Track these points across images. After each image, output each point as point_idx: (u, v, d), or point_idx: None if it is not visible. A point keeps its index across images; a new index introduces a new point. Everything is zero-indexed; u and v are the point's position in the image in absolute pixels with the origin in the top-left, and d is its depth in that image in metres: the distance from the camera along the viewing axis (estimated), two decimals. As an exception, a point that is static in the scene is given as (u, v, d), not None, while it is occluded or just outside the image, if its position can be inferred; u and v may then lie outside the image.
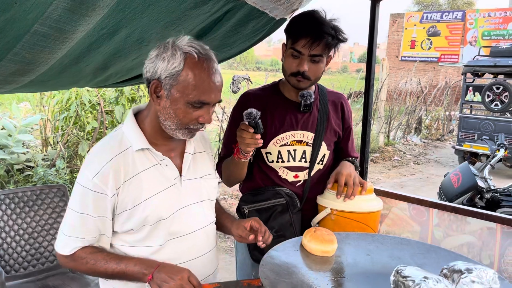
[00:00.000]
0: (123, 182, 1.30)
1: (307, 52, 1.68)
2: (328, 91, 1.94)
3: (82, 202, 1.30)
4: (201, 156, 1.51)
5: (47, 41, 1.33)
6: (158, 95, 1.30)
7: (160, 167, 1.36)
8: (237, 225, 1.51)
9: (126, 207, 1.31)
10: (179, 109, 1.29)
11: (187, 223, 1.41)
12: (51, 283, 2.57)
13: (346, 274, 1.30)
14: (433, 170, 9.10)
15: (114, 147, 1.32)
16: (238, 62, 15.58)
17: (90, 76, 2.07)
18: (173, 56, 1.26)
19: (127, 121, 1.38)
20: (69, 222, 1.32)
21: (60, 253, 1.34)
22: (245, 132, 1.54)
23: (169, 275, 1.25)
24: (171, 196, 1.37)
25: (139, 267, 1.29)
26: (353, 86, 11.44)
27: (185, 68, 1.26)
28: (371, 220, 1.72)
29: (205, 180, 1.48)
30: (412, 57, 20.77)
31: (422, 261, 1.34)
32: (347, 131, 1.95)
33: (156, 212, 1.33)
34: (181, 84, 1.26)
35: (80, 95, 5.03)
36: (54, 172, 4.64)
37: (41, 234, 2.67)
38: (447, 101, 13.61)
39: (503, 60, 8.71)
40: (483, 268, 0.93)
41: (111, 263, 1.30)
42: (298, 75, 1.72)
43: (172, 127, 1.32)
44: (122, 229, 1.34)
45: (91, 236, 1.32)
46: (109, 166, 1.28)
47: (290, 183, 1.83)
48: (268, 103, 1.82)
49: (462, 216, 1.79)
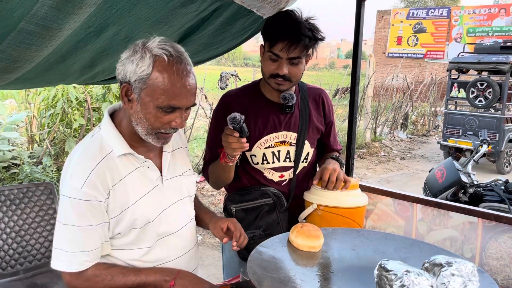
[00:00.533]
0: (112, 186, 1.28)
1: (286, 55, 1.67)
2: (308, 88, 1.94)
3: (78, 215, 1.25)
4: (179, 153, 1.50)
5: (34, 39, 1.33)
6: (129, 99, 1.27)
7: (142, 169, 1.34)
8: (214, 224, 1.50)
9: (114, 213, 1.29)
10: (149, 114, 1.24)
11: (173, 222, 1.41)
12: (39, 281, 2.56)
13: (333, 269, 1.33)
14: (419, 165, 9.22)
15: (96, 154, 1.28)
16: (226, 58, 15.52)
17: (77, 74, 2.06)
18: (142, 58, 1.21)
19: (104, 124, 1.34)
20: (68, 238, 1.26)
21: (68, 272, 1.27)
22: (231, 137, 1.53)
23: (193, 284, 1.27)
24: (155, 198, 1.36)
25: (160, 275, 1.28)
26: (340, 82, 11.52)
27: (154, 71, 1.21)
28: (357, 216, 1.75)
29: (185, 177, 1.48)
30: (399, 53, 20.95)
31: (405, 255, 1.38)
32: (328, 126, 1.96)
33: (144, 216, 1.32)
34: (150, 87, 1.22)
35: (66, 92, 4.98)
36: (41, 170, 4.61)
37: (28, 232, 2.65)
38: (432, 97, 13.78)
39: (487, 57, 8.85)
40: (463, 262, 0.97)
41: (129, 276, 1.28)
42: (278, 78, 1.71)
43: (142, 132, 1.29)
44: (111, 234, 1.32)
45: (96, 247, 1.28)
46: (94, 174, 1.25)
47: (276, 182, 1.85)
48: (250, 105, 1.81)
49: (445, 211, 1.84)
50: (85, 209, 1.24)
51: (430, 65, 19.92)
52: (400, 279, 0.91)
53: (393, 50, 21.57)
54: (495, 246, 1.70)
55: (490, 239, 1.71)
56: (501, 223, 1.69)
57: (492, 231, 1.71)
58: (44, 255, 2.69)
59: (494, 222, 1.71)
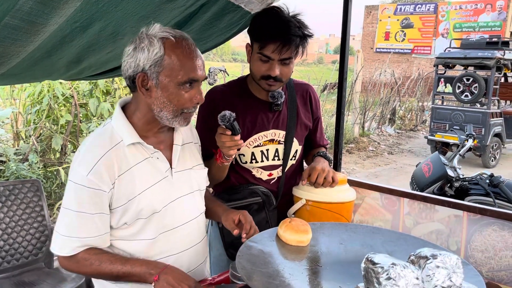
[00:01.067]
0: (118, 176, 1.30)
1: (277, 57, 1.63)
2: (295, 83, 1.92)
3: (79, 200, 1.28)
4: (189, 147, 1.52)
5: (18, 34, 1.31)
6: (146, 88, 1.30)
7: (151, 160, 1.37)
8: (226, 216, 1.52)
9: (120, 202, 1.31)
10: (172, 94, 1.29)
11: (180, 215, 1.42)
12: (27, 279, 2.54)
13: (321, 263, 1.34)
14: (407, 160, 9.32)
15: (105, 143, 1.32)
16: (214, 53, 15.49)
17: (63, 69, 2.04)
18: (151, 44, 1.27)
19: (115, 115, 1.37)
20: (65, 221, 1.30)
21: (59, 255, 1.31)
22: (223, 136, 1.51)
23: (177, 281, 1.25)
24: (163, 189, 1.37)
25: (146, 268, 1.29)
26: (329, 78, 11.55)
27: (166, 51, 1.27)
28: (345, 210, 1.77)
29: (194, 170, 1.50)
30: (387, 48, 21.09)
31: (392, 248, 1.40)
32: (315, 121, 1.96)
33: (150, 206, 1.34)
34: (167, 68, 1.27)
35: (52, 88, 4.91)
36: (27, 167, 4.55)
37: (15, 230, 2.63)
38: (420, 92, 13.91)
39: (473, 52, 8.96)
40: (447, 254, 0.99)
41: (116, 264, 1.29)
42: (270, 79, 1.68)
43: (169, 116, 1.32)
44: (117, 224, 1.33)
45: (90, 236, 1.30)
46: (102, 162, 1.28)
47: (265, 181, 1.85)
48: (238, 104, 1.78)
49: (431, 204, 1.86)
50: (86, 196, 1.27)
51: (418, 60, 20.09)
52: (386, 272, 0.93)
53: (381, 46, 21.69)
54: (480, 239, 1.73)
55: (475, 232, 1.75)
56: (485, 216, 1.72)
57: (477, 224, 1.74)
58: (31, 253, 2.67)
59: (479, 215, 1.74)
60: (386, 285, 0.93)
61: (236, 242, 1.72)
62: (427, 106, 13.36)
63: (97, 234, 1.30)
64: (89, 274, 1.34)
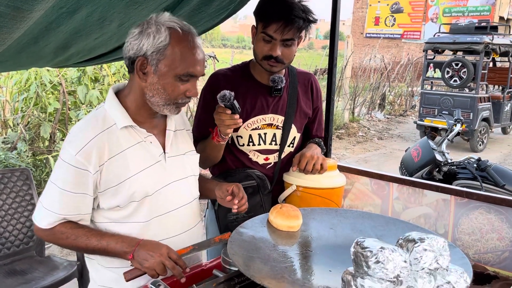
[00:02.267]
0: (107, 159, 1.31)
1: (279, 37, 1.66)
2: (298, 72, 1.94)
3: (64, 178, 1.30)
4: (181, 134, 1.53)
5: (4, 21, 1.29)
6: (144, 72, 1.31)
7: (144, 144, 1.38)
8: (220, 186, 1.55)
9: (110, 184, 1.32)
10: (168, 84, 1.31)
11: (173, 199, 1.43)
12: (19, 268, 2.54)
13: (312, 248, 1.36)
14: (396, 145, 9.39)
15: (98, 125, 1.33)
16: (204, 39, 15.30)
17: (50, 56, 2.01)
18: (158, 31, 1.28)
19: (108, 99, 1.38)
20: (49, 195, 1.33)
21: (38, 226, 1.34)
22: (223, 114, 1.54)
23: (149, 253, 1.27)
24: (156, 173, 1.39)
25: (121, 245, 1.30)
26: (319, 63, 11.54)
27: (172, 42, 1.28)
28: (335, 196, 1.79)
29: (187, 156, 1.51)
30: (376, 33, 21.06)
31: (381, 232, 1.42)
32: (315, 111, 1.97)
33: (142, 189, 1.35)
34: (169, 58, 1.28)
35: (40, 75, 4.84)
36: (16, 156, 4.50)
37: (5, 219, 2.61)
38: (409, 77, 13.96)
39: (462, 37, 8.99)
40: (435, 237, 1.00)
41: (92, 239, 1.31)
42: (271, 59, 1.70)
43: (160, 103, 1.34)
44: (108, 206, 1.35)
45: (70, 214, 1.32)
46: (93, 143, 1.29)
47: (261, 165, 1.86)
48: (239, 86, 1.80)
49: (420, 189, 1.89)
50: (72, 175, 1.29)
51: (407, 45, 20.12)
52: (375, 256, 0.94)
53: (370, 31, 21.66)
54: (467, 222, 1.77)
55: (462, 215, 1.78)
56: (472, 200, 1.75)
57: (464, 207, 1.77)
58: (22, 241, 2.66)
59: (466, 199, 1.77)
60: (375, 269, 0.94)
61: (231, 225, 1.74)
62: (416, 91, 13.43)
63: (77, 213, 1.33)
64: (65, 247, 1.38)
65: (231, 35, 39.24)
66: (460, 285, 1.01)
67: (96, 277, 1.44)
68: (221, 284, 1.22)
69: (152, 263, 1.26)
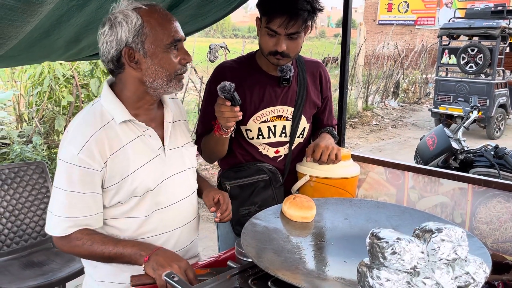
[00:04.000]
0: (109, 155, 1.28)
1: (284, 32, 1.60)
2: (306, 61, 1.90)
3: (69, 180, 1.26)
4: (179, 125, 1.50)
5: (15, 15, 1.29)
6: (135, 61, 1.29)
7: (144, 138, 1.35)
8: (207, 192, 1.52)
9: (114, 181, 1.30)
10: (162, 59, 1.28)
11: (173, 193, 1.41)
12: (36, 259, 2.59)
13: (326, 238, 1.35)
14: (411, 133, 9.29)
15: (96, 121, 1.30)
16: (215, 30, 15.24)
17: (62, 50, 2.02)
18: (127, 16, 1.25)
19: (104, 94, 1.35)
20: (57, 201, 1.29)
21: (53, 235, 1.31)
22: (223, 106, 1.50)
23: (167, 261, 1.22)
24: (157, 167, 1.36)
25: (137, 249, 1.27)
26: (331, 52, 11.41)
27: (144, 19, 1.26)
28: (349, 185, 1.77)
29: (186, 148, 1.49)
30: (389, 20, 20.74)
31: (397, 222, 1.40)
32: (325, 100, 1.93)
33: (144, 184, 1.33)
34: (150, 34, 1.26)
35: (53, 69, 4.88)
36: (31, 149, 4.56)
37: (22, 212, 2.66)
38: (423, 64, 13.75)
39: (478, 22, 8.80)
40: (452, 227, 0.98)
41: (108, 245, 1.28)
42: (277, 54, 1.65)
43: (162, 83, 1.31)
44: (110, 203, 1.33)
45: (82, 215, 1.28)
46: (93, 140, 1.26)
47: (271, 158, 1.84)
48: (246, 78, 1.76)
49: (436, 178, 1.86)
50: (77, 175, 1.26)
51: (421, 32, 19.77)
52: (391, 247, 0.92)
53: (383, 18, 21.33)
54: (485, 211, 1.73)
55: (480, 204, 1.74)
56: (490, 188, 1.72)
57: (482, 196, 1.74)
58: (39, 234, 2.70)
59: (484, 187, 1.73)
60: (391, 260, 0.93)
61: (243, 220, 1.73)
62: (431, 78, 13.22)
63: (89, 214, 1.29)
64: (81, 255, 1.33)
65: (242, 25, 39.07)
66: (479, 276, 0.98)
67: (93, 272, 1.41)
68: (235, 275, 1.21)
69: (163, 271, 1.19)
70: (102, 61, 1.34)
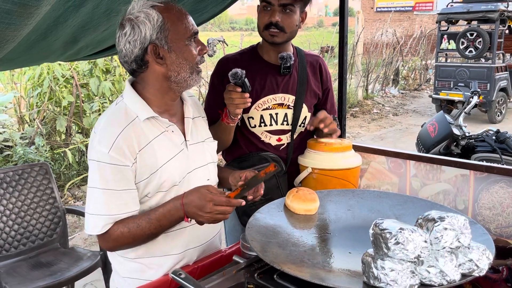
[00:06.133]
0: (138, 151, 1.30)
1: (277, 1, 1.67)
2: (306, 53, 1.94)
3: (103, 178, 1.28)
4: (199, 121, 1.54)
5: (12, 18, 1.29)
6: (160, 57, 1.32)
7: (167, 133, 1.38)
8: (233, 174, 1.54)
9: (143, 176, 1.32)
10: (185, 52, 1.33)
11: (196, 186, 1.40)
12: (44, 260, 2.61)
13: (330, 230, 1.36)
14: (412, 120, 9.27)
15: (121, 120, 1.32)
16: (212, 23, 15.12)
17: (60, 50, 2.02)
18: (147, 14, 1.28)
19: (127, 92, 1.38)
20: (93, 201, 1.31)
21: (91, 234, 1.32)
22: (233, 93, 1.55)
23: (197, 213, 1.27)
24: (181, 162, 1.39)
25: (169, 216, 1.30)
26: (329, 41, 11.35)
27: (163, 15, 1.29)
28: (351, 176, 1.78)
29: (207, 143, 1.51)
30: (387, 7, 20.61)
31: (400, 212, 1.41)
32: (325, 92, 1.96)
33: (171, 178, 1.35)
34: (171, 30, 1.30)
35: (52, 70, 4.89)
36: (34, 150, 4.58)
37: (28, 213, 2.68)
38: (423, 50, 13.69)
39: (476, 5, 8.74)
40: (455, 216, 0.99)
41: (143, 224, 1.29)
42: (271, 27, 1.71)
43: (186, 76, 1.35)
44: (139, 198, 1.34)
45: (120, 213, 1.30)
46: (121, 138, 1.28)
47: (274, 147, 1.86)
48: (248, 68, 1.77)
49: (437, 165, 1.86)
50: (110, 173, 1.27)
51: (420, 18, 19.65)
52: (395, 237, 0.94)
53: (381, 5, 21.19)
54: (487, 197, 1.74)
55: (482, 190, 1.75)
56: (492, 174, 1.72)
57: (484, 182, 1.74)
58: (46, 234, 2.72)
59: (486, 173, 1.73)
60: (395, 250, 0.94)
61: (249, 210, 1.74)
62: (430, 64, 13.16)
63: (127, 211, 1.30)
64: (127, 244, 1.34)
65: (239, 18, 38.84)
66: (482, 263, 1.00)
67: (119, 269, 1.44)
68: (241, 270, 1.23)
69: (207, 220, 1.27)
70: (123, 63, 1.35)
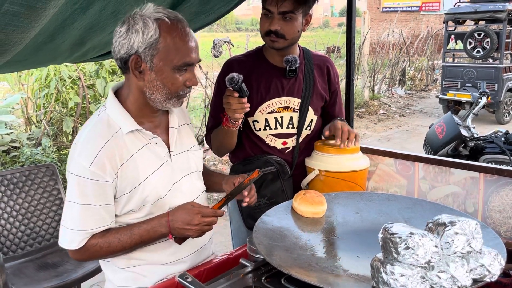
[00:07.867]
0: (120, 166, 1.27)
1: (276, 10, 1.65)
2: (313, 55, 1.91)
3: (82, 193, 1.25)
4: (184, 129, 1.50)
5: (19, 20, 1.29)
6: (140, 71, 1.26)
7: (151, 146, 1.34)
8: (226, 180, 1.52)
9: (125, 191, 1.29)
10: (166, 78, 1.26)
11: (182, 197, 1.40)
12: (50, 261, 2.61)
13: (337, 233, 1.34)
14: (419, 121, 9.22)
15: (104, 132, 1.28)
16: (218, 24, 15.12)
17: (67, 53, 2.02)
18: (146, 26, 1.22)
19: (110, 102, 1.34)
20: (71, 215, 1.27)
21: (69, 249, 1.29)
22: (231, 98, 1.53)
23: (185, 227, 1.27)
24: (165, 174, 1.36)
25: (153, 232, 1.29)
26: (335, 42, 11.31)
27: (162, 34, 1.23)
28: (359, 178, 1.76)
29: (192, 152, 1.48)
30: (394, 7, 20.51)
31: (409, 215, 1.39)
32: (333, 95, 1.93)
33: (155, 192, 1.33)
34: (162, 51, 1.23)
35: (59, 71, 4.91)
36: (41, 151, 4.60)
37: (34, 214, 2.68)
38: (429, 50, 13.60)
39: (484, 5, 8.67)
40: (466, 220, 0.97)
41: (124, 238, 1.28)
42: (271, 34, 1.69)
43: (161, 99, 1.29)
44: (122, 212, 1.32)
45: (97, 227, 1.28)
46: (103, 152, 1.25)
47: (279, 150, 1.84)
48: (253, 70, 1.79)
49: (446, 167, 1.84)
50: (90, 189, 1.25)
51: (426, 18, 19.54)
52: (404, 242, 0.92)
53: (387, 5, 21.10)
54: (498, 199, 1.72)
55: (492, 193, 1.73)
56: (502, 176, 1.70)
57: (494, 184, 1.72)
58: (52, 235, 2.73)
59: (496, 176, 1.71)
60: (404, 255, 0.92)
61: (254, 213, 1.74)
62: (437, 64, 13.07)
63: (104, 225, 1.29)
64: (104, 257, 1.34)
65: (245, 18, 38.80)
66: (494, 268, 0.98)
67: (113, 277, 1.41)
68: (248, 274, 1.22)
69: (195, 232, 1.28)
70: (113, 56, 1.33)
